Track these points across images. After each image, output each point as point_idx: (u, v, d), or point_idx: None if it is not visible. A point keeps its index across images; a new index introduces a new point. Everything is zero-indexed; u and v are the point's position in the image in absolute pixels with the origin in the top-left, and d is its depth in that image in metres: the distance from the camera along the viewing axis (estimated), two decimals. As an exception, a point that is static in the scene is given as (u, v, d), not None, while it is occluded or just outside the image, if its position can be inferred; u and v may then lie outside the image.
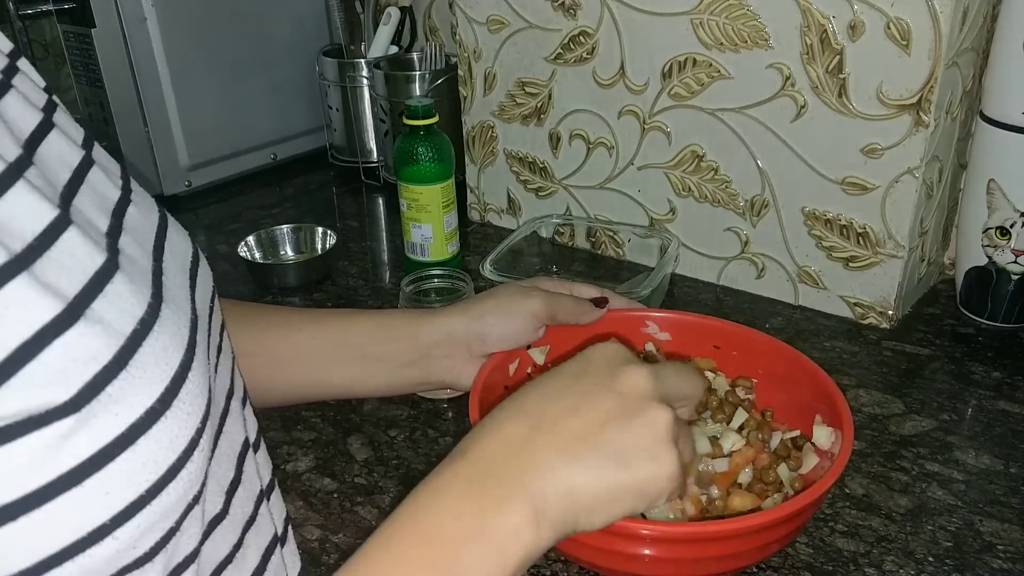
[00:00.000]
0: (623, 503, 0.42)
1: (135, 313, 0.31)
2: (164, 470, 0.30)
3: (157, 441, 0.30)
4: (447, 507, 0.39)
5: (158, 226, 0.38)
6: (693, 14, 0.85)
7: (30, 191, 0.29)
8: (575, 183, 1.02)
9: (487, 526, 0.39)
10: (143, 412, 0.29)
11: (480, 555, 0.38)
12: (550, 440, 0.42)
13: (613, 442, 0.42)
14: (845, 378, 0.78)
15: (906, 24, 0.74)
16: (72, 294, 0.29)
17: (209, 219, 1.17)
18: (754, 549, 0.51)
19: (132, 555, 0.30)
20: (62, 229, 0.30)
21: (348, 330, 0.63)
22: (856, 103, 0.79)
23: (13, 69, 0.35)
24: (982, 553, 0.59)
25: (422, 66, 1.19)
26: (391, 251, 1.09)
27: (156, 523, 0.30)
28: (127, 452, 0.29)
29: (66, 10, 1.07)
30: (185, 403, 0.31)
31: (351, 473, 0.68)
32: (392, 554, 0.38)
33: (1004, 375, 0.78)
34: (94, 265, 0.31)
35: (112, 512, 0.29)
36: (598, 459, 0.42)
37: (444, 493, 0.40)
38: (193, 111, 1.19)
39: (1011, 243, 0.81)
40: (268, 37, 1.25)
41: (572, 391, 0.45)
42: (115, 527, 0.29)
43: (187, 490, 0.32)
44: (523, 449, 0.42)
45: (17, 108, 0.33)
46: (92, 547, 0.28)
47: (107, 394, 0.28)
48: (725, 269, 0.94)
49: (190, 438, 0.31)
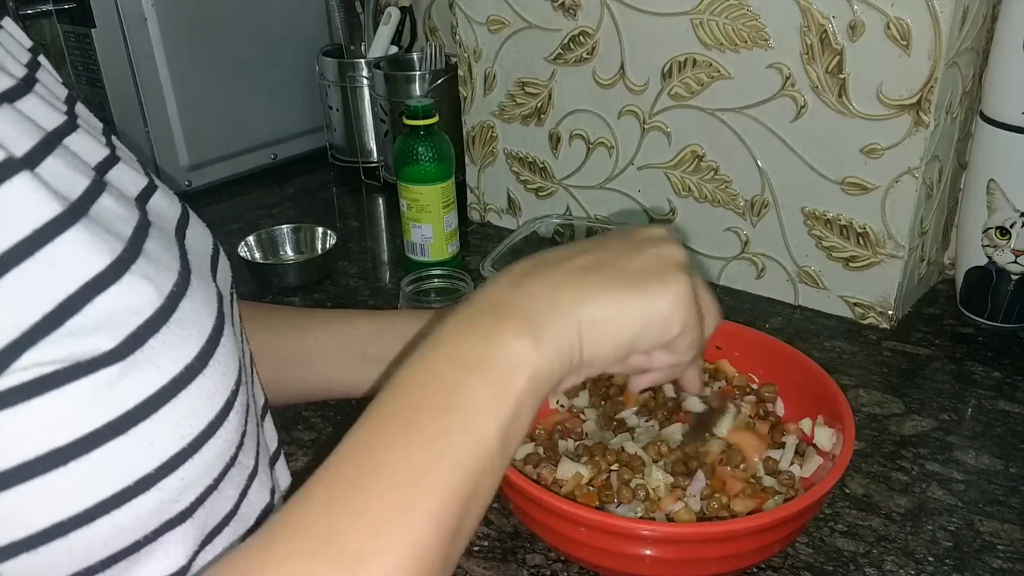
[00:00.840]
0: (631, 322, 0.39)
1: (170, 276, 0.32)
2: (204, 425, 0.31)
3: (197, 396, 0.31)
4: (445, 348, 0.38)
5: (179, 216, 0.40)
6: (693, 14, 0.85)
7: (67, 159, 0.31)
8: (575, 183, 1.02)
9: (484, 353, 0.37)
10: (183, 367, 0.31)
11: (482, 382, 0.36)
12: (552, 271, 0.40)
13: (616, 264, 0.40)
14: (845, 378, 0.78)
15: (906, 24, 0.74)
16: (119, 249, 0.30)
17: (209, 219, 1.16)
18: (755, 550, 0.51)
19: (175, 508, 0.31)
20: (100, 190, 0.31)
21: (349, 331, 0.63)
22: (856, 103, 0.79)
23: (35, 64, 0.36)
24: (982, 553, 0.59)
25: (422, 66, 1.19)
26: (391, 251, 1.09)
27: (197, 478, 0.31)
28: (170, 404, 0.30)
29: (66, 10, 1.07)
30: (220, 363, 0.32)
31: (351, 473, 0.68)
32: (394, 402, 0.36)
33: (1004, 375, 0.78)
34: (133, 221, 0.32)
35: (157, 462, 0.30)
36: (603, 279, 0.39)
37: (442, 339, 0.38)
38: (193, 111, 1.18)
39: (1011, 243, 0.81)
40: (268, 37, 1.25)
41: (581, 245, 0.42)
42: (160, 478, 0.30)
43: (225, 449, 0.33)
44: (521, 282, 0.40)
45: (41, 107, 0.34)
46: (138, 496, 0.29)
47: (150, 346, 0.29)
48: (725, 269, 0.94)
49: (226, 398, 0.33)
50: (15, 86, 0.32)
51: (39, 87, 0.34)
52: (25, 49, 0.37)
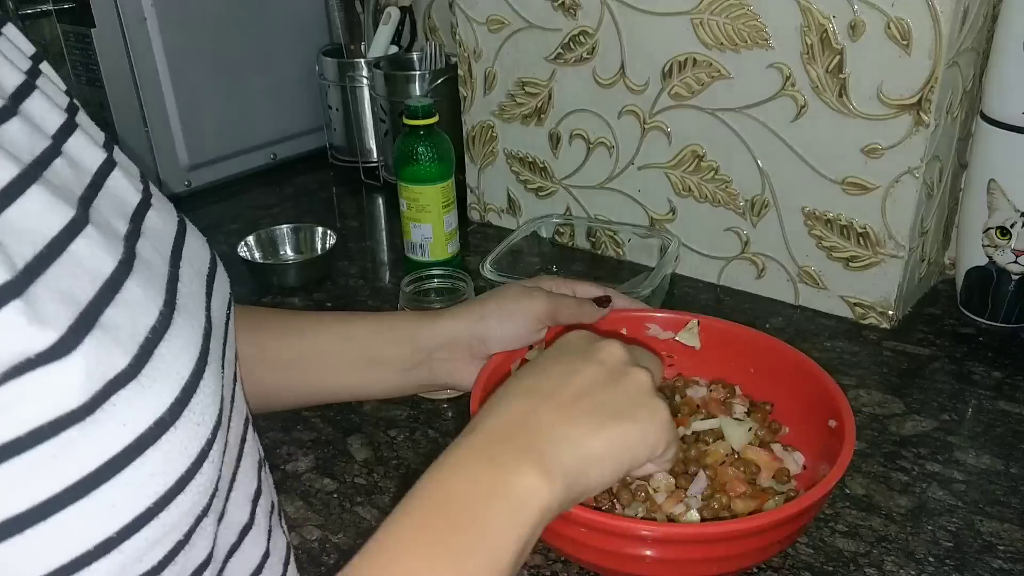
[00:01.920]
0: (629, 452, 0.45)
1: (147, 321, 0.31)
2: (172, 482, 0.30)
3: (165, 452, 0.29)
4: (464, 473, 0.41)
5: (176, 231, 0.38)
6: (693, 14, 0.85)
7: (46, 193, 0.29)
8: (575, 183, 1.02)
9: (504, 485, 0.40)
10: (152, 422, 0.29)
11: (500, 511, 0.40)
12: (550, 407, 0.45)
13: (607, 401, 0.46)
14: (845, 378, 0.78)
15: (906, 24, 0.74)
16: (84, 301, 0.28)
17: (209, 219, 1.17)
18: (755, 550, 0.51)
19: (138, 569, 0.29)
20: (76, 232, 0.30)
21: (350, 334, 0.63)
22: (856, 103, 0.79)
23: (36, 71, 0.35)
24: (982, 553, 0.59)
25: (422, 66, 1.19)
26: (391, 251, 1.09)
27: (164, 536, 0.30)
28: (134, 463, 0.28)
29: (66, 10, 1.07)
30: (195, 413, 0.31)
31: (351, 473, 0.68)
32: (416, 519, 0.39)
33: (1004, 375, 0.78)
34: (107, 269, 0.30)
35: (119, 525, 0.28)
36: (597, 417, 0.45)
37: (460, 463, 0.42)
38: (193, 111, 1.18)
39: (1011, 243, 0.80)
40: (268, 37, 1.25)
41: (558, 367, 0.48)
42: (122, 540, 0.28)
43: (197, 501, 0.31)
44: (527, 419, 0.44)
45: (41, 109, 0.33)
46: (98, 561, 0.28)
47: (112, 403, 0.28)
48: (725, 269, 0.94)
49: (200, 449, 0.31)
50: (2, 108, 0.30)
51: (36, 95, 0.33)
52: (27, 57, 0.36)
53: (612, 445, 0.44)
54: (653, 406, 0.47)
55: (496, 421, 0.44)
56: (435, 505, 0.40)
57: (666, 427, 0.47)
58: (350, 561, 0.37)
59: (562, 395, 0.46)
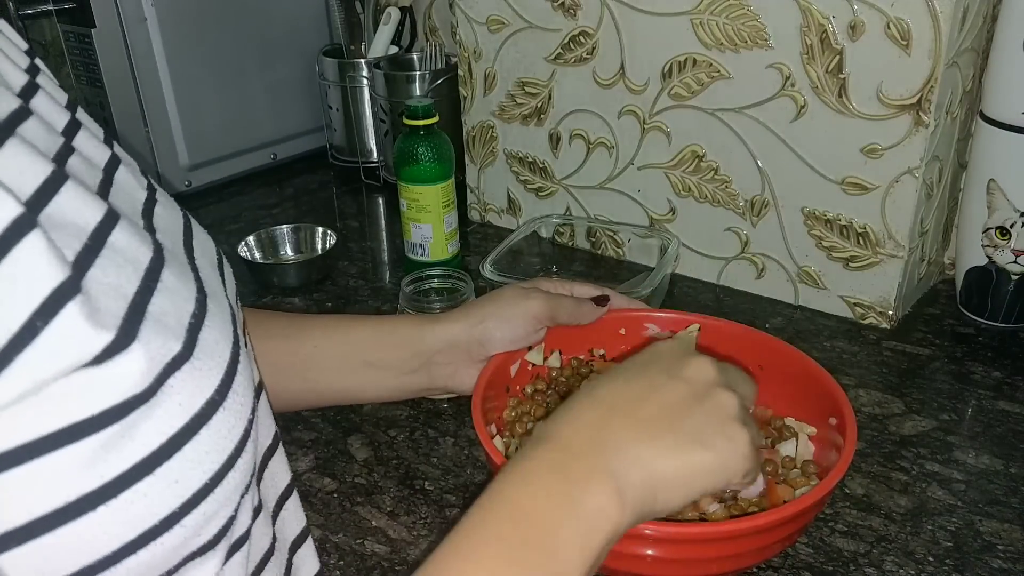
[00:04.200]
0: (702, 481, 0.44)
1: (188, 308, 0.32)
2: (224, 458, 0.31)
3: (217, 431, 0.31)
4: (538, 486, 0.41)
5: (183, 225, 0.39)
6: (693, 14, 0.85)
7: (78, 188, 0.30)
8: (575, 183, 1.02)
9: (576, 503, 0.40)
10: (204, 402, 0.31)
11: (573, 530, 0.39)
12: (626, 424, 0.44)
13: (686, 423, 0.44)
14: (845, 378, 0.78)
15: (906, 24, 0.74)
16: (132, 292, 0.30)
17: (209, 219, 1.17)
18: (755, 550, 0.51)
19: (197, 542, 0.31)
20: (113, 224, 0.31)
21: (350, 338, 0.63)
22: (856, 103, 0.79)
23: (35, 68, 0.36)
24: (982, 553, 0.59)
25: (422, 66, 1.19)
26: (391, 251, 1.09)
27: (218, 510, 0.32)
28: (192, 441, 0.30)
29: (66, 10, 1.07)
30: (238, 394, 0.33)
31: (351, 473, 0.68)
32: (490, 530, 0.39)
33: (1004, 375, 0.78)
34: (145, 259, 0.32)
35: (181, 500, 0.30)
36: (674, 439, 0.43)
37: (532, 474, 0.41)
38: (193, 111, 1.19)
39: (1011, 243, 0.81)
40: (268, 37, 1.25)
41: (641, 380, 0.47)
42: (183, 514, 0.30)
43: (243, 478, 0.33)
44: (601, 432, 0.43)
45: (48, 107, 0.34)
46: (163, 534, 0.29)
47: (169, 385, 0.29)
48: (725, 269, 0.94)
49: (244, 428, 0.33)
50: (19, 108, 0.31)
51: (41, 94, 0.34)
52: (23, 52, 0.36)
53: (685, 471, 0.43)
54: (737, 435, 0.45)
55: (569, 431, 0.43)
56: (507, 517, 0.40)
57: (747, 458, 0.45)
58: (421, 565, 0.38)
59: (639, 411, 0.44)
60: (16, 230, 0.25)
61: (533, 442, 0.44)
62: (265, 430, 0.43)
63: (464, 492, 0.66)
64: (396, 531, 0.62)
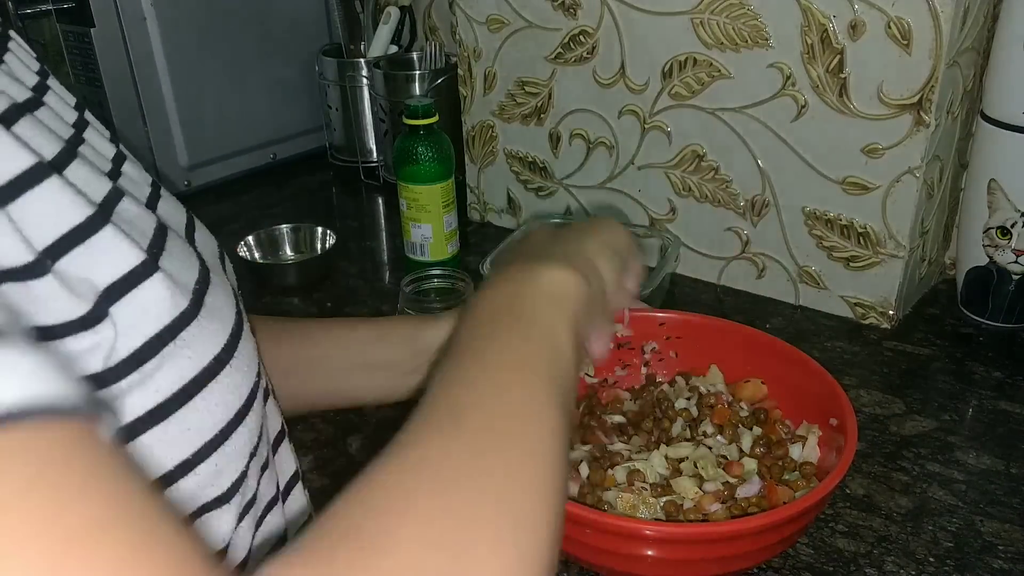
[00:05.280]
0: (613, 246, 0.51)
1: (193, 273, 0.34)
2: (232, 414, 0.33)
3: (225, 386, 0.33)
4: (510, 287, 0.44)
5: (186, 221, 0.41)
6: (693, 14, 0.85)
7: (88, 166, 0.32)
8: (575, 183, 1.02)
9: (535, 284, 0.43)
10: (212, 358, 0.32)
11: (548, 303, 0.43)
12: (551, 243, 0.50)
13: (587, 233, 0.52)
14: (846, 378, 0.78)
15: (907, 24, 0.73)
16: (146, 245, 0.31)
17: (209, 219, 1.16)
18: (755, 551, 0.51)
19: (211, 493, 0.33)
20: (120, 195, 0.33)
21: (348, 340, 0.63)
22: (856, 103, 0.79)
23: (45, 72, 0.37)
24: (983, 553, 0.59)
25: (422, 66, 1.19)
26: (391, 251, 1.09)
27: (229, 464, 0.33)
28: (203, 392, 0.32)
29: (65, 10, 1.07)
30: (243, 357, 0.34)
31: (351, 473, 0.68)
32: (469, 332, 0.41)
33: (1004, 375, 0.78)
34: (152, 225, 0.33)
35: (193, 448, 0.31)
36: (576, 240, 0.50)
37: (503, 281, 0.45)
38: (193, 111, 1.18)
39: (1012, 243, 0.80)
40: (268, 37, 1.25)
41: None
42: (197, 462, 0.32)
43: (251, 437, 0.35)
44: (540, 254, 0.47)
45: (58, 103, 0.35)
46: (180, 480, 0.31)
47: (182, 338, 0.31)
48: (725, 269, 0.94)
49: (249, 389, 0.34)
50: (32, 97, 0.33)
51: (51, 95, 0.35)
52: (34, 58, 0.37)
53: (601, 244, 0.50)
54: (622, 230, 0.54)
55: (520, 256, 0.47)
56: (493, 306, 0.42)
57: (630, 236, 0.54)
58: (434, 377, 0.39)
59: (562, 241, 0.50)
60: (38, 173, 0.28)
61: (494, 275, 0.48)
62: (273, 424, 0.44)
63: (464, 492, 0.66)
64: (396, 531, 0.62)
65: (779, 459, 0.59)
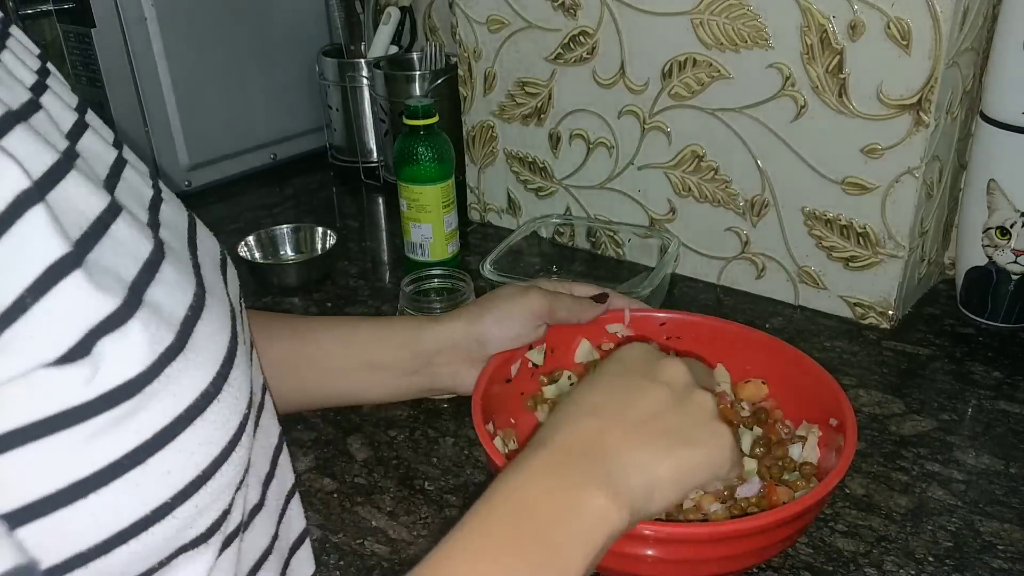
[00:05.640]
0: (694, 478, 0.46)
1: (185, 300, 0.32)
2: (218, 451, 0.32)
3: (212, 423, 0.31)
4: (539, 487, 0.42)
5: (188, 224, 0.40)
6: (693, 14, 0.85)
7: (83, 178, 0.30)
8: (575, 183, 1.02)
9: (576, 504, 0.41)
10: (198, 394, 0.31)
11: (574, 529, 0.40)
12: (618, 430, 0.45)
13: (672, 425, 0.46)
14: (845, 378, 0.78)
15: (906, 24, 0.74)
16: (129, 279, 0.30)
17: (209, 219, 1.16)
18: (755, 551, 0.51)
19: (189, 535, 0.31)
20: (114, 216, 0.31)
21: (350, 339, 0.63)
22: (856, 103, 0.79)
23: (46, 71, 0.36)
24: (982, 553, 0.59)
25: (422, 66, 1.19)
26: (391, 251, 1.09)
27: (211, 503, 0.32)
28: (186, 432, 0.30)
29: (66, 10, 1.07)
30: (233, 387, 0.33)
31: (351, 473, 0.68)
32: (493, 527, 0.40)
33: (1004, 375, 0.78)
34: (147, 248, 0.32)
35: (173, 491, 0.30)
36: (665, 441, 0.45)
37: (534, 476, 0.43)
38: (193, 111, 1.18)
39: (1011, 243, 0.80)
40: (268, 37, 1.25)
41: (623, 386, 0.49)
42: (175, 505, 0.30)
43: (236, 473, 0.33)
44: (597, 440, 0.44)
45: (56, 106, 0.34)
46: (155, 525, 0.29)
47: (166, 375, 0.29)
48: (725, 269, 0.94)
49: (239, 422, 0.33)
50: (29, 101, 0.32)
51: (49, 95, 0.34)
52: (35, 56, 0.37)
53: (678, 471, 0.45)
54: (718, 430, 0.47)
55: (566, 438, 0.45)
56: (507, 516, 0.41)
57: (730, 451, 0.47)
58: (423, 559, 0.38)
59: (629, 417, 0.46)
60: (22, 202, 0.26)
61: (532, 446, 0.45)
62: (272, 430, 0.43)
63: (464, 492, 0.66)
64: (396, 531, 0.62)
65: (779, 459, 0.59)
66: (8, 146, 0.28)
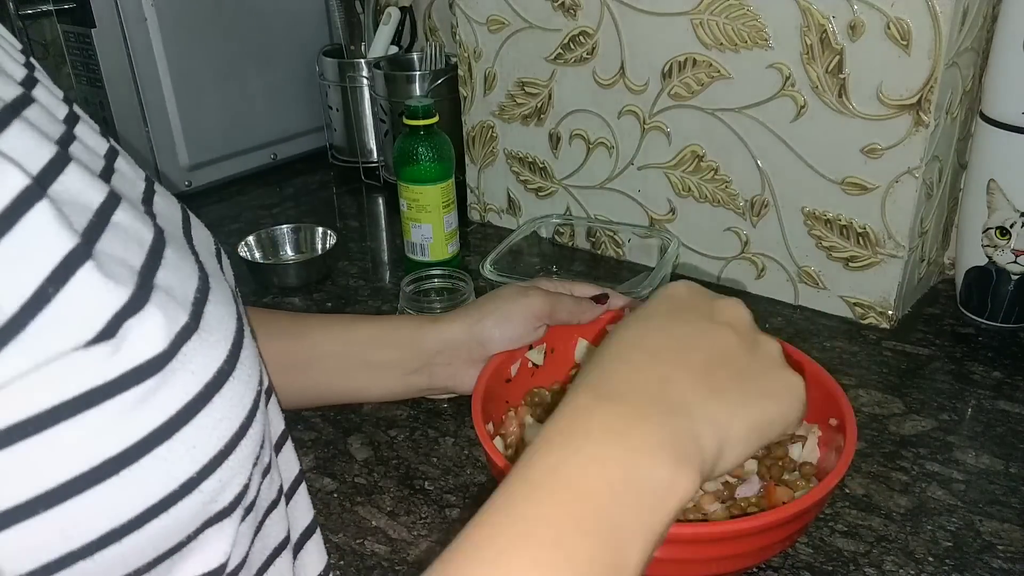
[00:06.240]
0: (764, 433, 0.40)
1: (192, 284, 0.33)
2: (236, 427, 0.32)
3: (228, 399, 0.32)
4: (591, 456, 0.35)
5: (182, 216, 0.40)
6: (693, 14, 0.85)
7: (82, 170, 0.31)
8: (575, 183, 1.02)
9: (638, 478, 0.34)
10: (215, 372, 0.31)
11: (634, 511, 0.34)
12: (687, 378, 0.38)
13: (745, 373, 0.40)
14: (845, 378, 0.78)
15: (906, 24, 0.74)
16: (138, 266, 0.30)
17: (209, 219, 1.17)
18: (755, 551, 0.51)
19: (214, 508, 0.32)
20: (115, 205, 0.31)
21: (350, 338, 0.63)
22: (856, 103, 0.79)
23: (31, 65, 0.36)
24: (982, 553, 0.59)
25: (422, 66, 1.19)
26: (391, 251, 1.09)
27: (233, 477, 0.32)
28: (206, 408, 0.30)
29: (66, 10, 1.07)
30: (246, 366, 0.33)
31: (351, 473, 0.68)
32: (531, 510, 0.33)
33: (1004, 375, 0.78)
34: (150, 235, 0.32)
35: (198, 465, 0.30)
36: (741, 393, 0.39)
37: (584, 440, 0.35)
38: (193, 111, 1.19)
39: (1011, 243, 0.81)
40: (268, 37, 1.25)
41: (682, 326, 0.42)
42: (201, 480, 0.31)
43: (254, 447, 0.34)
44: (659, 391, 0.38)
45: (48, 98, 0.34)
46: (183, 499, 0.30)
47: (183, 353, 0.30)
48: (725, 269, 0.94)
49: (253, 399, 0.33)
50: (22, 95, 0.32)
51: (40, 88, 0.34)
52: (18, 51, 0.37)
53: (753, 426, 0.39)
54: (791, 380, 0.42)
55: (618, 387, 0.37)
56: (551, 495, 0.33)
57: (803, 403, 0.42)
58: (446, 549, 0.33)
59: (692, 360, 0.39)
60: (25, 199, 0.26)
61: (578, 395, 0.37)
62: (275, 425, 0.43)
63: (464, 492, 0.66)
64: (396, 531, 0.62)
65: (779, 459, 0.59)
66: (7, 142, 0.28)
